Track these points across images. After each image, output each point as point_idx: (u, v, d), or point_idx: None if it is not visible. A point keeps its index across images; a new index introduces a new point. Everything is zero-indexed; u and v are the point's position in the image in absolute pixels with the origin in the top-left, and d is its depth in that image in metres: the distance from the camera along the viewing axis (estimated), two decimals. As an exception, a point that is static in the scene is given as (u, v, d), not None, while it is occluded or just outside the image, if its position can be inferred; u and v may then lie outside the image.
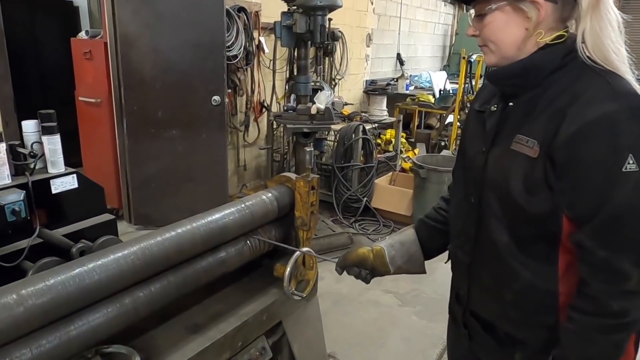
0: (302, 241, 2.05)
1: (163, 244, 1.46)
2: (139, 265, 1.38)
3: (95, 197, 2.73)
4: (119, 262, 1.34)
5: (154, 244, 1.44)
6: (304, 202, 1.95)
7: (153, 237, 1.47)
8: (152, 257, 1.42)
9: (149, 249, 1.42)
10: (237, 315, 1.77)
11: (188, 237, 1.54)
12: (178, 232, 1.53)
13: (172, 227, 1.55)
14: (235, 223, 1.72)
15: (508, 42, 1.14)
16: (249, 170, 6.07)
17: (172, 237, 1.50)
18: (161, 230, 1.52)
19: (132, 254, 1.38)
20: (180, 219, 4.43)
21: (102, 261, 1.32)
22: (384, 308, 3.50)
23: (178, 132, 4.58)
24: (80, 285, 1.24)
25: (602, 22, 1.08)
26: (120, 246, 1.40)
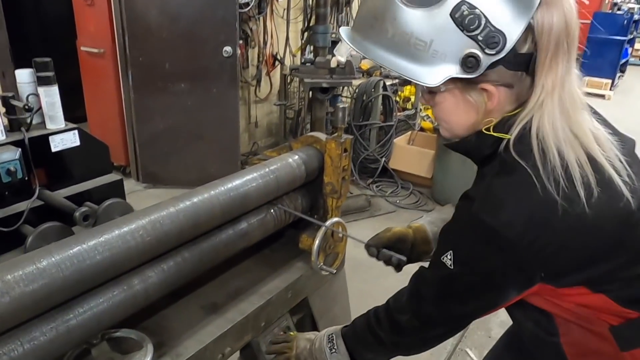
0: (332, 210, 1.83)
1: (177, 216, 1.24)
2: (148, 242, 1.16)
3: (99, 156, 2.51)
4: (125, 239, 1.12)
5: (166, 216, 1.22)
6: (334, 167, 1.71)
7: (165, 208, 1.24)
8: (164, 232, 1.20)
9: (160, 223, 1.20)
10: (260, 293, 1.57)
11: (205, 207, 1.31)
12: (194, 202, 1.30)
13: (187, 195, 1.32)
14: (259, 191, 1.48)
15: (458, 123, 1.08)
16: (260, 128, 5.80)
17: (187, 208, 1.27)
18: (174, 200, 1.30)
19: (140, 228, 1.16)
20: (189, 178, 4.17)
21: (105, 238, 1.10)
22: (405, 275, 3.28)
23: (187, 85, 4.29)
24: (80, 268, 1.03)
25: (559, 105, 0.96)
26: (126, 219, 1.18)
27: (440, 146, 4.47)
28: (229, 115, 4.48)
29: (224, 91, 4.36)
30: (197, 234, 1.33)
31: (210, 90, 4.34)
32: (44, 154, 2.23)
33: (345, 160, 1.71)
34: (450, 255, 1.02)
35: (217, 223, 1.39)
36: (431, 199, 4.62)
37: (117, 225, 1.15)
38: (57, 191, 2.31)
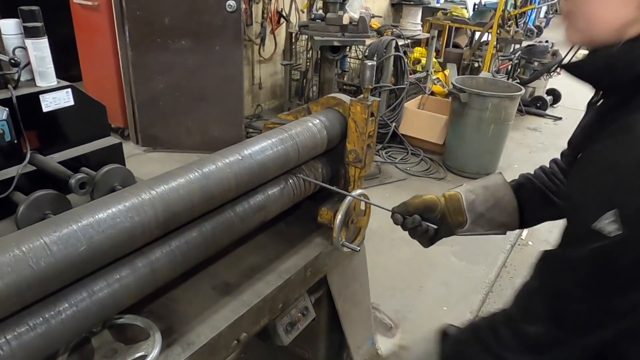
0: (354, 181, 1.66)
1: (187, 188, 1.07)
2: (154, 219, 0.99)
3: (96, 117, 2.31)
4: (127, 216, 0.95)
5: (174, 188, 1.05)
6: (359, 133, 1.53)
7: (173, 179, 1.07)
8: (172, 207, 1.03)
9: (168, 195, 1.02)
10: (277, 272, 1.42)
11: (218, 178, 1.14)
12: (204, 172, 1.12)
13: (197, 164, 1.14)
14: (278, 159, 1.31)
15: (605, 21, 0.78)
16: (264, 90, 5.56)
17: (198, 179, 1.10)
18: (183, 169, 1.12)
19: (145, 203, 0.99)
20: (191, 142, 3.92)
21: (101, 215, 0.93)
22: (418, 247, 3.14)
23: (188, 42, 4.04)
24: (72, 252, 0.86)
25: None
26: (127, 192, 1.01)
27: (453, 111, 4.26)
28: (232, 75, 4.24)
29: (227, 49, 4.11)
30: (209, 209, 1.16)
31: (213, 48, 4.09)
32: (34, 114, 2.03)
33: (372, 125, 1.53)
34: (612, 216, 0.71)
35: (232, 196, 1.21)
36: (443, 167, 4.45)
37: (118, 199, 0.97)
38: (51, 155, 2.13)
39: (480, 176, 4.35)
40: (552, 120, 6.14)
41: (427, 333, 1.16)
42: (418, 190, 3.94)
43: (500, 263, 3.10)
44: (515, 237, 3.41)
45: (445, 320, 2.60)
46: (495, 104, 3.94)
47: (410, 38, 5.09)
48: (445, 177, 4.28)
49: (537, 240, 3.42)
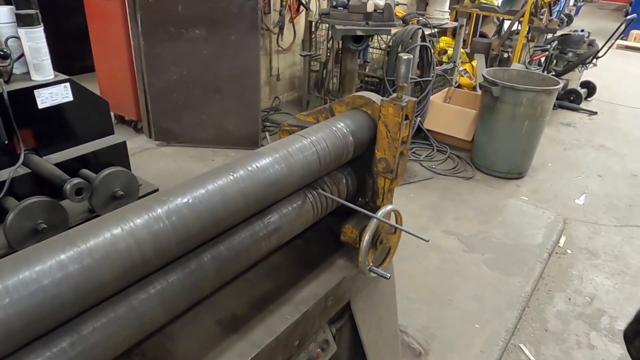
0: (384, 193, 1.44)
1: (180, 213, 0.86)
2: (138, 257, 0.79)
3: (98, 114, 2.13)
4: (104, 253, 0.75)
5: (166, 214, 0.84)
6: (391, 138, 1.31)
7: (164, 203, 0.86)
8: (161, 238, 0.82)
9: (157, 224, 0.82)
10: (293, 303, 1.21)
11: (224, 197, 0.93)
12: (209, 190, 0.91)
13: (196, 182, 0.93)
14: (296, 171, 1.09)
15: None
16: (282, 81, 5.34)
17: (200, 201, 0.89)
18: (181, 188, 0.91)
19: (127, 235, 0.78)
20: (205, 136, 3.67)
21: (71, 253, 0.72)
22: (446, 254, 2.96)
23: (202, 32, 3.83)
24: (40, 299, 0.67)
25: None
26: (105, 221, 0.80)
27: (484, 105, 3.98)
28: (249, 66, 4.02)
29: (243, 39, 3.89)
30: (212, 235, 0.95)
31: (228, 38, 3.87)
32: (29, 111, 1.86)
33: (406, 130, 1.30)
34: None
35: (239, 218, 1.00)
36: (471, 165, 4.18)
37: (88, 232, 0.77)
38: (48, 156, 1.96)
39: (511, 176, 4.07)
40: (586, 114, 5.79)
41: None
42: (444, 190, 3.69)
43: (537, 274, 2.84)
44: (553, 245, 3.14)
45: (478, 339, 2.40)
46: (531, 99, 3.65)
47: (437, 27, 4.80)
48: (473, 176, 4.01)
49: (576, 249, 3.15)
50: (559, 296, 2.71)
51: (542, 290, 2.75)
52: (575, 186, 3.98)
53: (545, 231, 3.28)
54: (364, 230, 1.34)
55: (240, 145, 4.28)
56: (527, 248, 3.08)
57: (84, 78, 5.74)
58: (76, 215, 1.86)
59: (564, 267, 2.97)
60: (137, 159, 4.01)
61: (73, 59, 6.09)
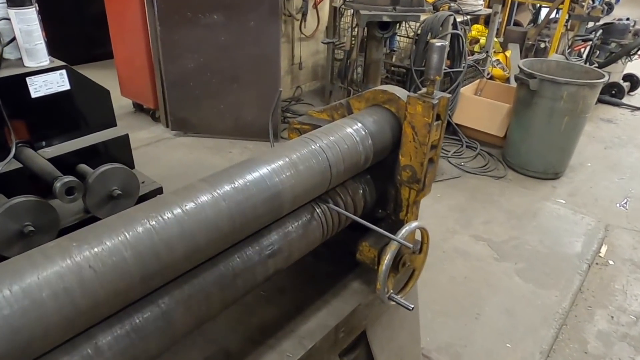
0: (408, 206, 1.23)
1: (150, 238, 0.67)
2: (100, 295, 0.61)
3: (98, 104, 1.97)
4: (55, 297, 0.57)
5: (134, 240, 0.66)
6: (419, 143, 1.10)
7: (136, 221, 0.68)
8: (123, 273, 0.64)
9: (122, 251, 0.64)
10: (297, 337, 1.02)
11: (206, 216, 0.74)
12: (187, 211, 0.73)
13: (174, 200, 0.74)
14: (301, 184, 0.89)
15: None
16: (305, 70, 5.13)
17: (174, 224, 0.70)
18: (150, 207, 0.72)
19: (84, 263, 0.60)
20: (223, 126, 3.47)
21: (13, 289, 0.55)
22: (475, 262, 2.73)
23: (220, 17, 3.65)
24: None
25: None
26: (55, 252, 0.62)
27: (519, 99, 3.69)
28: (269, 54, 3.83)
29: (263, 25, 3.69)
30: (191, 265, 0.77)
31: (248, 24, 3.68)
32: (21, 100, 1.71)
33: (436, 132, 1.09)
34: None
35: (226, 243, 0.81)
36: (502, 163, 3.90)
37: (48, 256, 0.59)
38: (43, 150, 1.81)
39: (547, 176, 3.79)
40: (629, 110, 5.40)
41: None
42: (474, 190, 3.44)
43: (576, 288, 2.59)
44: (593, 255, 2.87)
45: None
46: (572, 93, 3.35)
47: (470, 14, 4.50)
48: (505, 176, 3.74)
49: (619, 259, 2.87)
50: (600, 313, 2.46)
51: (582, 306, 2.49)
52: (617, 189, 3.67)
53: (585, 239, 3.01)
54: (384, 250, 1.14)
55: (258, 137, 4.10)
56: (564, 257, 2.82)
57: (104, 64, 5.67)
58: (69, 216, 1.72)
59: (606, 280, 2.70)
60: (152, 149, 3.89)
61: (94, 45, 6.03)
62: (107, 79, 4.84)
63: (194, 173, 3.54)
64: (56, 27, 5.60)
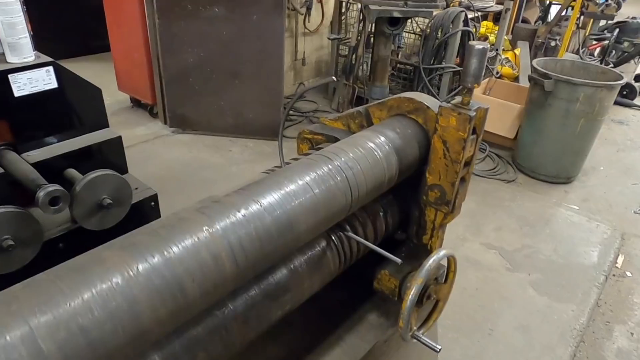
0: (432, 229, 1.10)
1: (130, 293, 0.53)
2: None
3: (89, 104, 1.82)
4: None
5: (110, 295, 0.52)
6: (450, 160, 0.96)
7: (105, 275, 0.54)
8: (96, 332, 0.50)
9: (96, 308, 0.50)
10: (307, 383, 0.89)
11: (203, 257, 0.60)
12: (174, 257, 0.58)
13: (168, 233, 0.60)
14: (317, 209, 0.76)
15: None
16: (308, 66, 4.97)
17: (166, 266, 0.56)
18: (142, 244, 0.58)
19: (49, 325, 0.46)
20: (223, 124, 3.38)
21: None
22: (487, 272, 2.59)
23: (222, 10, 3.49)
24: None
25: None
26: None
27: (532, 100, 3.54)
28: (272, 49, 3.67)
29: (266, 19, 3.53)
30: (182, 319, 0.63)
31: (250, 17, 3.52)
32: (3, 99, 1.56)
33: (471, 147, 0.95)
34: None
35: (231, 287, 0.67)
36: (512, 166, 3.76)
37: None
38: (28, 153, 1.66)
39: (559, 180, 3.64)
40: (641, 111, 5.26)
41: None
42: (483, 194, 3.30)
43: (593, 302, 2.46)
44: (610, 266, 2.74)
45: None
46: (589, 95, 3.20)
47: (481, 10, 4.35)
48: (515, 179, 3.60)
49: (637, 271, 2.74)
50: (619, 330, 2.33)
51: (599, 322, 2.36)
52: (632, 194, 3.53)
53: (601, 248, 2.87)
54: (407, 282, 1.01)
55: (260, 135, 3.96)
56: (580, 268, 2.68)
57: (101, 57, 5.51)
58: (55, 227, 1.58)
59: (624, 293, 2.57)
60: (149, 147, 3.74)
61: (91, 37, 5.86)
62: (104, 73, 4.72)
63: (192, 172, 3.40)
64: (52, 18, 5.47)
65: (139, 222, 1.93)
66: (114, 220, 1.64)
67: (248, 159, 3.63)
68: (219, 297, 0.65)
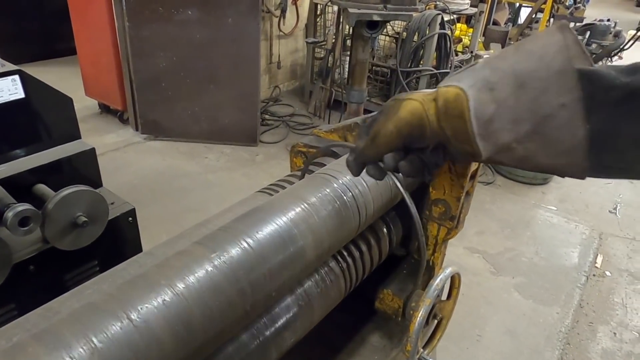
0: (436, 245, 1.05)
1: (128, 339, 0.46)
2: None
3: (59, 115, 1.71)
4: None
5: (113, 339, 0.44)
6: (456, 174, 0.92)
7: (106, 320, 0.46)
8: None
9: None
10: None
11: (209, 299, 0.54)
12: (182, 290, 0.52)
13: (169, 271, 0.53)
14: (327, 232, 0.70)
15: None
16: (283, 69, 4.90)
17: (167, 307, 0.49)
18: (133, 286, 0.51)
19: None
20: (198, 130, 3.35)
21: None
22: (472, 277, 2.58)
23: (195, 13, 3.39)
24: None
25: None
26: None
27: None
28: (247, 53, 3.59)
29: (241, 22, 3.45)
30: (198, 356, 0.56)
31: (225, 20, 3.43)
32: (-36, 111, 1.44)
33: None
34: None
35: (235, 328, 0.61)
36: (490, 168, 3.79)
37: None
38: (-8, 168, 1.54)
39: (536, 181, 3.66)
40: (609, 111, 5.40)
41: None
42: (464, 197, 3.31)
43: (576, 303, 2.48)
44: (590, 266, 2.77)
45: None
46: (564, 97, 3.25)
47: (456, 13, 4.37)
48: (494, 181, 3.62)
49: (616, 270, 2.78)
50: (603, 330, 2.35)
51: (583, 323, 2.38)
52: (606, 194, 3.61)
53: (581, 249, 2.91)
54: (412, 302, 0.96)
55: (236, 141, 3.87)
56: (562, 270, 2.71)
57: (67, 61, 5.29)
58: (24, 248, 1.46)
59: (605, 293, 2.60)
60: (121, 155, 3.60)
61: (56, 40, 5.63)
62: (70, 77, 4.52)
63: (167, 181, 3.28)
64: (14, 21, 5.23)
65: (116, 240, 1.82)
66: (90, 239, 1.53)
67: (225, 166, 3.53)
68: (227, 337, 0.59)
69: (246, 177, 3.40)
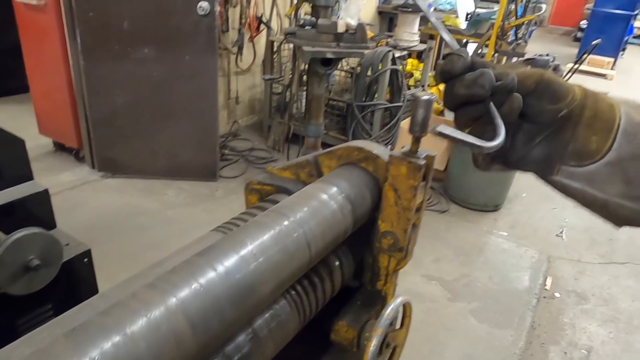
0: (386, 275, 1.11)
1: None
2: None
3: (10, 156, 1.69)
4: None
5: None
6: (402, 208, 0.98)
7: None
8: None
9: None
10: None
11: (165, 340, 0.56)
12: (133, 334, 0.54)
13: (120, 311, 0.55)
14: (277, 269, 0.74)
15: None
16: (241, 104, 4.97)
17: (127, 347, 0.51)
18: (82, 332, 0.53)
19: None
20: (156, 167, 3.37)
21: None
22: (429, 304, 2.65)
23: (152, 51, 3.42)
24: None
25: None
26: None
27: (459, 134, 3.75)
28: (205, 89, 3.64)
29: (199, 59, 3.51)
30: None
31: (182, 58, 3.48)
32: None
33: (422, 194, 0.98)
34: None
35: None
36: (444, 196, 3.94)
37: None
38: (-63, 213, 1.50)
39: (488, 208, 3.81)
40: (552, 140, 5.73)
41: None
42: (421, 225, 3.41)
43: (528, 325, 2.58)
44: (540, 288, 2.90)
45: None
46: (509, 128, 3.45)
47: (406, 49, 4.60)
48: (448, 210, 3.76)
49: (564, 291, 2.93)
50: (554, 350, 2.45)
51: (536, 344, 2.48)
52: (553, 219, 3.81)
53: (531, 272, 3.05)
54: (366, 332, 1.00)
55: (195, 177, 3.86)
56: (514, 293, 2.82)
57: (20, 99, 5.16)
58: (-28, 295, 1.41)
59: (554, 314, 2.72)
60: (77, 194, 3.52)
61: (9, 77, 5.49)
62: (22, 115, 4.41)
63: (125, 219, 3.22)
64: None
65: (71, 282, 1.78)
66: (43, 282, 1.50)
67: (184, 202, 3.51)
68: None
69: (206, 212, 3.39)
